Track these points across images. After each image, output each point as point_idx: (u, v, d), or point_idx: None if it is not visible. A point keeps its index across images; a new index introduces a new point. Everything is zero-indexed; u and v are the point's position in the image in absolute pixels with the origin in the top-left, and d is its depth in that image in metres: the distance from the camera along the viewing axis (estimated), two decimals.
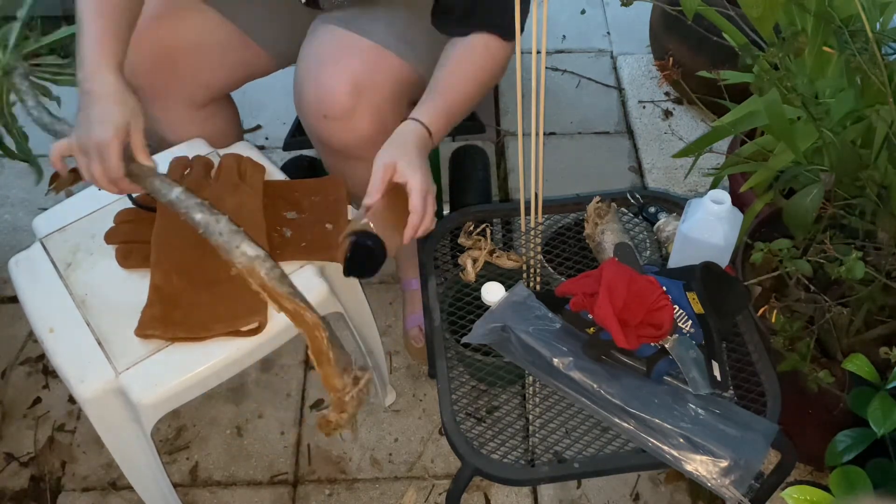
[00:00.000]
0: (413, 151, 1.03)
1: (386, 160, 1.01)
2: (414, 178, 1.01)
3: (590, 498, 1.34)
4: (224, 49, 1.25)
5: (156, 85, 1.22)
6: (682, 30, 1.84)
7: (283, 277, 0.95)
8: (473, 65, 1.11)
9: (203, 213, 0.98)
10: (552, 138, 1.95)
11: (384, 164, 1.01)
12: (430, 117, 1.07)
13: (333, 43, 1.14)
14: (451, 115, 1.10)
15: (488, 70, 1.12)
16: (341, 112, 1.10)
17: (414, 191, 1.01)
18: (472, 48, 1.11)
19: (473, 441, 0.97)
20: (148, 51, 1.19)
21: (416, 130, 1.05)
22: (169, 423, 1.43)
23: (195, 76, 1.25)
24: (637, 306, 0.97)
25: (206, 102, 1.29)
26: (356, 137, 1.13)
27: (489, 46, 1.11)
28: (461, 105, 1.11)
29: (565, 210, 1.25)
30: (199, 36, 1.23)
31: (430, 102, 1.08)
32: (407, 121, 1.06)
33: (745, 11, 1.15)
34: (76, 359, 0.99)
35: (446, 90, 1.10)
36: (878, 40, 1.01)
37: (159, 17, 1.20)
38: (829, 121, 1.13)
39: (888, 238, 1.07)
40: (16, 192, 1.82)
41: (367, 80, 1.11)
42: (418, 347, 1.49)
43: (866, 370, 0.96)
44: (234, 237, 0.96)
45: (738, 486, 0.89)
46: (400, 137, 1.05)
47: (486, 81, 1.13)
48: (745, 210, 1.22)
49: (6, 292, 1.60)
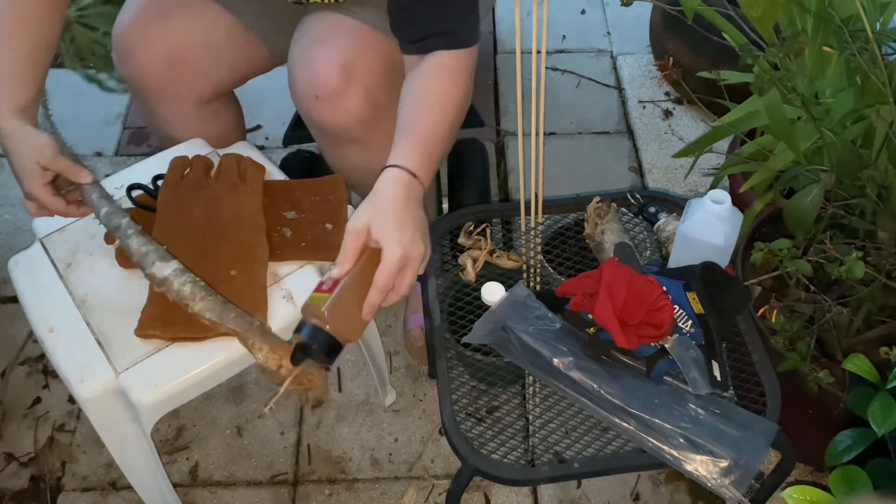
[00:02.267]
0: (390, 210, 0.93)
1: (357, 225, 0.92)
2: (388, 245, 0.91)
3: (590, 498, 1.34)
4: (229, 45, 1.25)
5: (165, 85, 1.22)
6: (682, 30, 1.84)
7: (201, 290, 0.95)
8: (436, 91, 1.04)
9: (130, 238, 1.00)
10: (552, 138, 1.95)
11: (355, 231, 0.91)
12: (407, 157, 0.97)
13: (323, 24, 1.13)
14: (431, 147, 1.01)
15: (454, 89, 1.04)
16: (332, 91, 1.09)
17: (383, 262, 0.91)
18: (427, 75, 1.04)
19: (473, 441, 0.97)
20: (156, 51, 1.19)
21: (395, 179, 0.96)
22: (169, 423, 1.43)
23: (202, 74, 1.25)
24: (637, 306, 0.97)
25: (212, 100, 1.29)
26: (348, 118, 1.11)
27: (445, 65, 1.04)
28: (438, 136, 1.02)
29: (565, 210, 1.25)
30: (205, 33, 1.23)
31: (402, 142, 1.00)
32: (385, 170, 0.97)
33: (745, 11, 1.15)
34: (76, 359, 0.99)
35: (416, 125, 1.01)
36: (878, 40, 1.01)
37: (166, 16, 1.20)
38: (829, 121, 1.13)
39: (888, 238, 1.07)
40: (16, 192, 1.80)
41: (358, 60, 1.09)
42: (418, 347, 1.49)
43: (866, 370, 0.96)
44: (147, 257, 0.97)
45: (738, 486, 0.89)
46: (376, 195, 0.95)
47: (455, 102, 1.05)
48: (745, 210, 1.22)
49: (6, 292, 1.60)
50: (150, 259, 0.96)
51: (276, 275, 1.07)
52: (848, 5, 1.08)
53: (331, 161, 1.26)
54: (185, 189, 1.13)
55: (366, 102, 1.11)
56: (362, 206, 0.95)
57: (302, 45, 1.13)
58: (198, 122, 1.28)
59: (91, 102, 2.02)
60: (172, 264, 0.96)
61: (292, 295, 1.05)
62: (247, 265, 1.04)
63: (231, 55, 1.27)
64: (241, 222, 1.08)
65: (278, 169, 1.22)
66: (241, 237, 1.07)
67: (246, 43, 1.27)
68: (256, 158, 1.20)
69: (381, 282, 0.91)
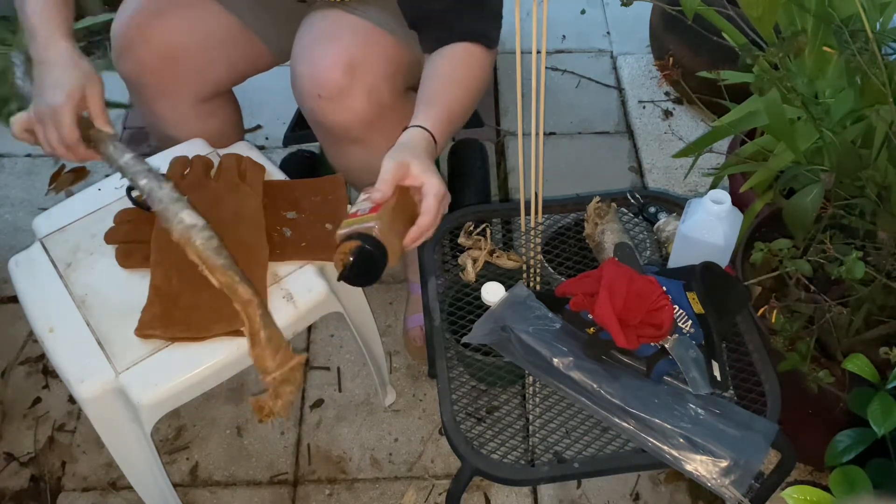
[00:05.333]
0: (424, 155, 0.99)
1: (399, 158, 0.96)
2: (431, 180, 0.97)
3: (590, 498, 1.34)
4: (227, 43, 1.25)
5: (162, 82, 1.22)
6: (682, 30, 1.84)
7: (219, 249, 0.93)
8: (463, 71, 1.09)
9: (148, 180, 0.96)
10: (552, 138, 1.95)
11: (397, 163, 0.96)
12: (433, 123, 1.03)
13: (327, 23, 1.13)
14: (452, 121, 1.07)
15: (476, 76, 1.11)
16: (336, 90, 1.09)
17: (430, 194, 0.97)
18: (457, 56, 1.09)
19: (473, 441, 0.97)
20: (154, 48, 1.19)
21: (423, 135, 1.02)
22: (169, 423, 1.43)
23: (200, 72, 1.25)
24: (637, 306, 0.97)
25: (210, 98, 1.29)
26: (351, 117, 1.11)
27: (474, 54, 1.09)
28: (459, 111, 1.08)
29: (565, 210, 1.25)
30: (203, 31, 1.23)
31: (429, 109, 1.05)
32: (410, 128, 1.03)
33: (745, 11, 1.15)
34: (76, 359, 0.99)
35: (442, 96, 1.07)
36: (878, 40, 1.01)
37: (163, 13, 1.20)
38: (829, 121, 1.13)
39: (888, 238, 1.07)
40: (16, 192, 1.82)
41: (361, 58, 1.09)
42: (418, 347, 1.49)
43: (866, 370, 0.96)
44: (175, 205, 0.94)
45: (738, 486, 0.89)
46: (409, 142, 1.01)
47: (477, 87, 1.11)
48: (745, 210, 1.22)
49: (6, 292, 1.60)
50: (178, 207, 0.93)
51: (276, 275, 1.07)
52: (848, 5, 1.08)
53: (332, 159, 1.26)
54: (184, 189, 1.12)
55: (369, 102, 1.11)
56: (395, 148, 0.99)
57: (306, 44, 1.13)
58: (195, 121, 1.28)
59: None
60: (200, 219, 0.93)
61: (292, 295, 1.05)
62: (247, 265, 1.04)
63: (229, 53, 1.27)
64: (241, 222, 1.08)
65: (278, 169, 1.22)
66: (241, 237, 1.07)
67: (245, 41, 1.27)
68: (256, 158, 1.20)
69: (432, 207, 0.96)
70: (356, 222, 0.93)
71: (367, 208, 0.94)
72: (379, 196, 0.94)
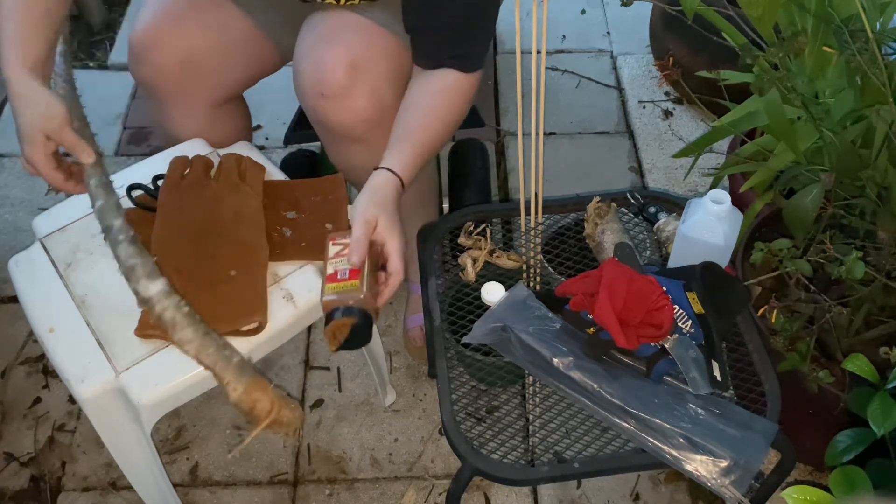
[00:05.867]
0: (391, 208, 1.02)
1: (368, 216, 1.00)
2: (393, 239, 1.01)
3: (590, 498, 1.34)
4: (243, 46, 1.25)
5: (181, 87, 1.22)
6: (682, 30, 1.84)
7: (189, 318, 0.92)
8: (441, 104, 1.11)
9: (112, 234, 0.96)
10: (552, 138, 1.95)
11: (366, 221, 0.99)
12: (403, 166, 1.06)
13: (330, 22, 1.13)
14: (422, 159, 1.09)
15: (456, 107, 1.12)
16: (339, 90, 1.09)
17: (394, 252, 1.01)
18: (438, 87, 1.11)
19: (473, 441, 0.97)
20: (175, 54, 1.19)
21: (391, 183, 1.04)
22: (169, 423, 1.43)
23: (217, 75, 1.25)
24: (637, 306, 0.97)
25: (224, 101, 1.29)
26: (354, 117, 1.11)
27: (458, 84, 1.11)
28: (431, 148, 1.11)
29: (565, 210, 1.25)
30: (220, 35, 1.22)
31: (402, 149, 1.07)
32: (380, 171, 1.05)
33: (745, 11, 1.15)
34: (76, 359, 0.99)
35: (416, 133, 1.09)
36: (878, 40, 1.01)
37: (180, 19, 1.19)
38: (829, 121, 1.13)
39: (888, 238, 1.07)
40: (16, 192, 1.82)
41: (365, 58, 1.10)
42: (418, 347, 1.49)
43: (866, 370, 0.96)
44: (134, 271, 0.93)
45: (738, 486, 0.89)
46: (378, 193, 1.03)
47: (454, 119, 1.13)
48: (745, 210, 1.22)
49: (6, 292, 1.60)
50: (137, 274, 0.93)
51: (276, 275, 1.07)
52: (848, 5, 1.08)
53: (334, 158, 1.26)
54: (185, 189, 1.13)
55: (372, 101, 1.11)
56: (365, 201, 1.02)
57: (308, 43, 1.13)
58: (210, 125, 1.28)
59: (91, 102, 1.99)
60: (159, 283, 0.92)
61: (292, 295, 1.05)
62: (247, 265, 1.04)
63: (244, 56, 1.26)
64: (241, 222, 1.09)
65: (278, 169, 1.22)
66: (241, 237, 1.07)
67: (258, 43, 1.26)
68: (256, 158, 1.20)
69: (399, 268, 1.01)
70: (341, 290, 0.97)
71: (345, 270, 0.98)
72: (357, 260, 0.97)
